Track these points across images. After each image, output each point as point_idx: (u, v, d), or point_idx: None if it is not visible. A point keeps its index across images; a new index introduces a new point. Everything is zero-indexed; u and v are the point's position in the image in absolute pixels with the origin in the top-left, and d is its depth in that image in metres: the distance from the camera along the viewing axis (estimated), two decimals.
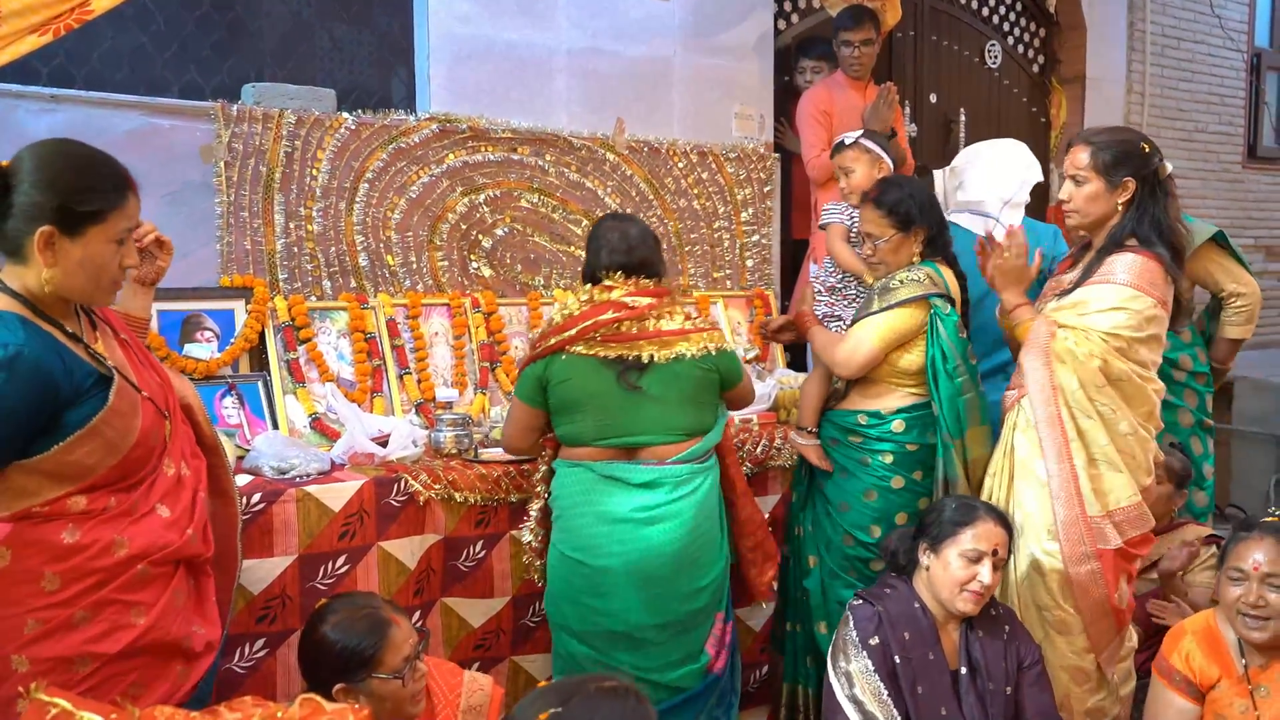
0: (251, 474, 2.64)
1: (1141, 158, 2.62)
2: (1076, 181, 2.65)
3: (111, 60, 3.34)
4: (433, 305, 3.50)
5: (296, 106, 3.35)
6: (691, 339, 2.58)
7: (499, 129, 3.73)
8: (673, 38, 4.32)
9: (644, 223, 2.74)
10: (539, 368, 2.59)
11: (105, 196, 1.75)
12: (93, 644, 1.77)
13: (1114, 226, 2.64)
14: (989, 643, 2.50)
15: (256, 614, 2.51)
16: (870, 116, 4.25)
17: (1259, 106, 7.43)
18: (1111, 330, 2.54)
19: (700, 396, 2.61)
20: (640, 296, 2.55)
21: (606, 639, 2.56)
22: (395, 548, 2.69)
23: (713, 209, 4.22)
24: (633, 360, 2.53)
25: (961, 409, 2.79)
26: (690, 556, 2.56)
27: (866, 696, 2.40)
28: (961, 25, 5.66)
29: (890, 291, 2.86)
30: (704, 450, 2.62)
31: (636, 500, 2.53)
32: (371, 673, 2.02)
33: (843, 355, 2.87)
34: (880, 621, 2.45)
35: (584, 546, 2.56)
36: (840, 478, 2.95)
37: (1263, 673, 2.36)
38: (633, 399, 2.53)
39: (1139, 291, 2.54)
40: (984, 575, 2.42)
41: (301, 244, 3.35)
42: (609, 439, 2.56)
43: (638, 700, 1.57)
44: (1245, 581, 2.36)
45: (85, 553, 1.76)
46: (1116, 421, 2.56)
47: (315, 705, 1.49)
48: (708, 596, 2.61)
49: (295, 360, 3.16)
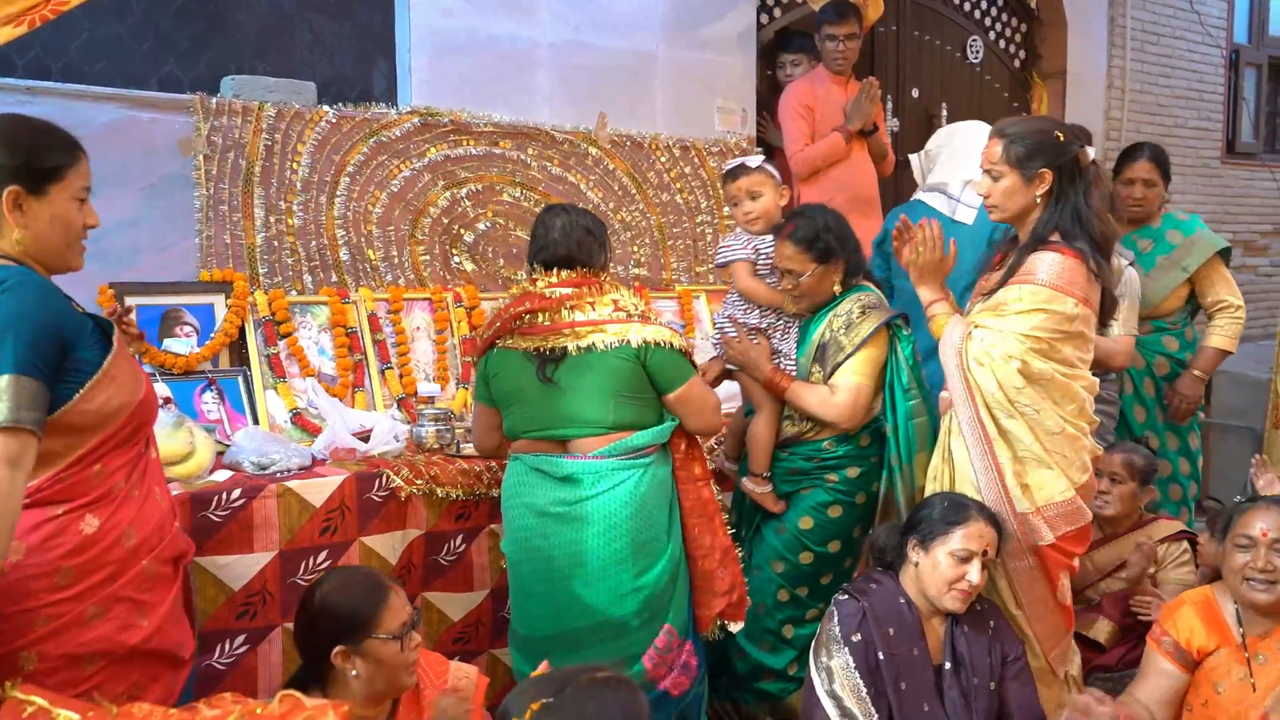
0: (232, 469, 2.63)
1: (1057, 147, 2.55)
2: (992, 176, 2.59)
3: (89, 52, 3.31)
4: (414, 300, 3.48)
5: (276, 99, 3.33)
6: (607, 330, 2.46)
7: (481, 123, 3.72)
8: (655, 31, 4.31)
9: (577, 214, 2.61)
10: (480, 364, 2.63)
11: (62, 155, 1.83)
12: (101, 642, 1.79)
13: (1035, 221, 2.58)
14: (974, 638, 2.50)
15: (237, 610, 2.50)
16: (852, 111, 4.26)
17: (1237, 102, 7.49)
18: (1030, 332, 2.49)
19: (623, 389, 2.48)
20: (559, 288, 2.51)
21: (545, 642, 2.50)
22: (377, 543, 2.68)
23: (695, 203, 4.22)
24: (549, 352, 2.48)
25: (911, 432, 2.81)
26: (614, 556, 2.46)
27: (845, 692, 2.40)
28: (943, 20, 5.67)
29: (855, 327, 2.84)
30: (632, 447, 2.49)
31: (555, 494, 2.49)
32: (371, 633, 2.04)
33: (847, 411, 2.82)
34: (864, 617, 2.45)
35: (514, 540, 2.57)
36: (804, 494, 2.94)
37: (1261, 641, 2.43)
38: (548, 391, 2.49)
39: (1057, 292, 2.48)
40: (972, 575, 2.42)
41: (282, 238, 3.33)
42: (535, 431, 2.54)
43: (630, 690, 1.58)
44: (1253, 548, 2.41)
45: (101, 544, 1.80)
46: (1043, 420, 2.52)
47: (295, 701, 1.49)
48: (638, 602, 2.47)
49: (276, 355, 3.14)
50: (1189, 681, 2.49)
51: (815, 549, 2.92)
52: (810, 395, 2.86)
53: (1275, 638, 2.42)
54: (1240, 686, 2.40)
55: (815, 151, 4.23)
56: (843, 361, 2.84)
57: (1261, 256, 7.65)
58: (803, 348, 2.95)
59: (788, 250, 2.85)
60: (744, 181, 3.02)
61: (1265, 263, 7.64)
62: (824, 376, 2.88)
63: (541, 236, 2.58)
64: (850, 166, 4.29)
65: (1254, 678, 2.40)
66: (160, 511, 1.95)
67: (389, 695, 2.12)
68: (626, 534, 2.46)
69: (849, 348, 2.83)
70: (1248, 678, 2.41)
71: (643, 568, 2.48)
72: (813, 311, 2.96)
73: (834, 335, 2.87)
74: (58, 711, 1.37)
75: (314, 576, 2.56)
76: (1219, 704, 2.43)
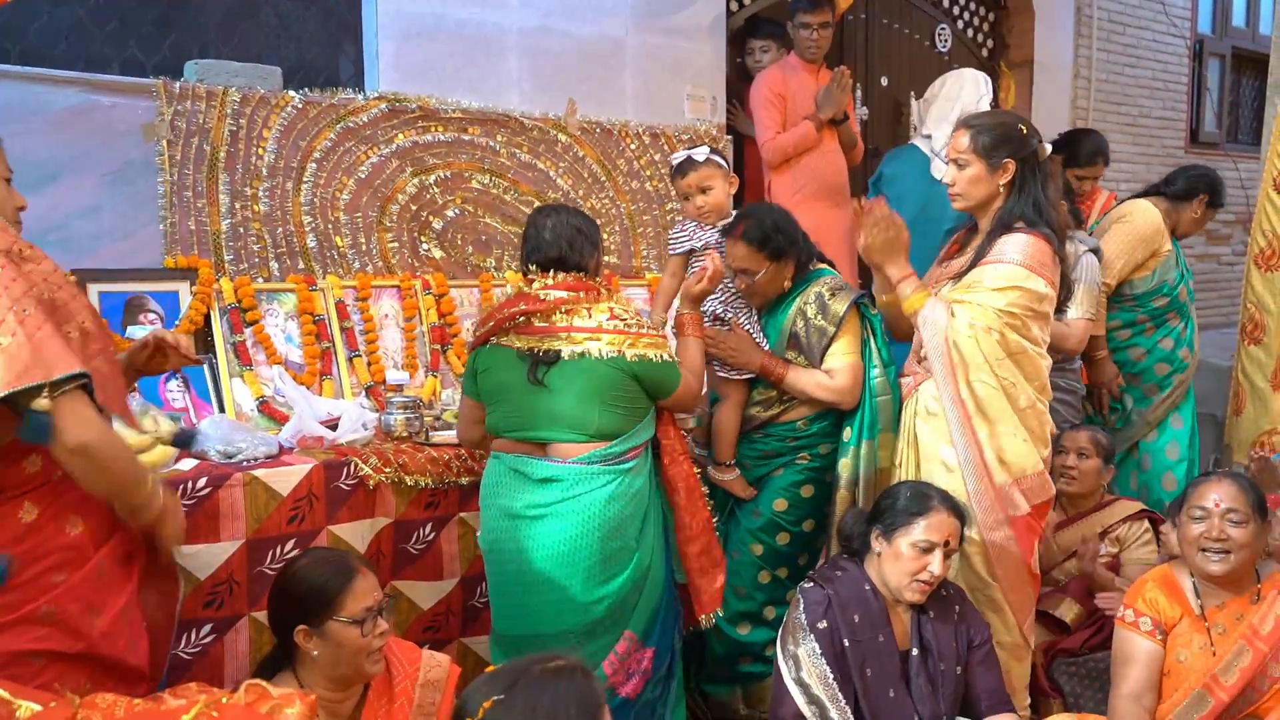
0: (197, 458, 2.60)
1: (1020, 140, 2.67)
2: (959, 165, 2.70)
3: (49, 35, 3.25)
4: (382, 287, 3.46)
5: (241, 84, 3.29)
6: (605, 339, 2.48)
7: (449, 109, 3.70)
8: (624, 17, 4.30)
9: (572, 215, 2.61)
10: (471, 358, 2.64)
11: None
12: (50, 640, 1.77)
13: (999, 209, 2.68)
14: (940, 624, 2.52)
15: (203, 599, 2.48)
16: (824, 100, 4.27)
17: (1201, 92, 7.58)
18: (1006, 308, 2.58)
19: (612, 397, 2.49)
20: (554, 290, 2.51)
21: (517, 641, 2.51)
22: (345, 531, 2.67)
23: (665, 191, 4.21)
24: (543, 354, 2.49)
25: (875, 409, 2.86)
26: (585, 561, 2.46)
27: (812, 680, 2.42)
28: (912, 9, 5.69)
29: (829, 309, 2.87)
30: (613, 454, 2.50)
31: (531, 497, 2.49)
32: (332, 615, 2.04)
33: (849, 389, 2.86)
34: (830, 604, 2.47)
35: (489, 539, 2.58)
36: (775, 476, 2.97)
37: (1219, 611, 2.50)
38: (536, 393, 2.49)
39: (1030, 272, 2.59)
40: (934, 566, 2.44)
41: (247, 224, 3.29)
42: (517, 432, 2.54)
43: (584, 676, 1.58)
44: (1207, 518, 2.47)
45: (42, 531, 1.77)
46: (1016, 395, 2.61)
47: (261, 691, 1.48)
48: (603, 610, 2.49)
49: (242, 343, 3.11)
50: (1163, 655, 2.55)
51: (791, 529, 2.95)
52: (809, 379, 2.89)
53: (1230, 609, 2.50)
54: (1201, 654, 2.48)
55: (787, 140, 4.23)
56: (829, 344, 2.87)
57: (1224, 245, 7.75)
58: (774, 338, 2.96)
59: (740, 251, 2.86)
60: (694, 177, 2.98)
61: (1227, 251, 7.75)
62: (813, 362, 2.90)
63: (533, 238, 2.57)
64: (821, 155, 4.30)
65: (1214, 646, 2.47)
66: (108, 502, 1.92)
67: (354, 681, 2.12)
68: (597, 540, 2.47)
69: (831, 329, 2.86)
70: (1208, 645, 2.48)
71: (610, 575, 2.49)
72: (766, 304, 2.99)
73: (810, 321, 2.90)
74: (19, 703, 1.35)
75: (281, 566, 2.54)
76: (1181, 672, 2.50)
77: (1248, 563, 2.49)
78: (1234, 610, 2.49)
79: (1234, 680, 2.38)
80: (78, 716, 1.33)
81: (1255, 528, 2.47)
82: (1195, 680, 2.45)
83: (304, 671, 2.09)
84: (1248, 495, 2.49)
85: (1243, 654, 2.40)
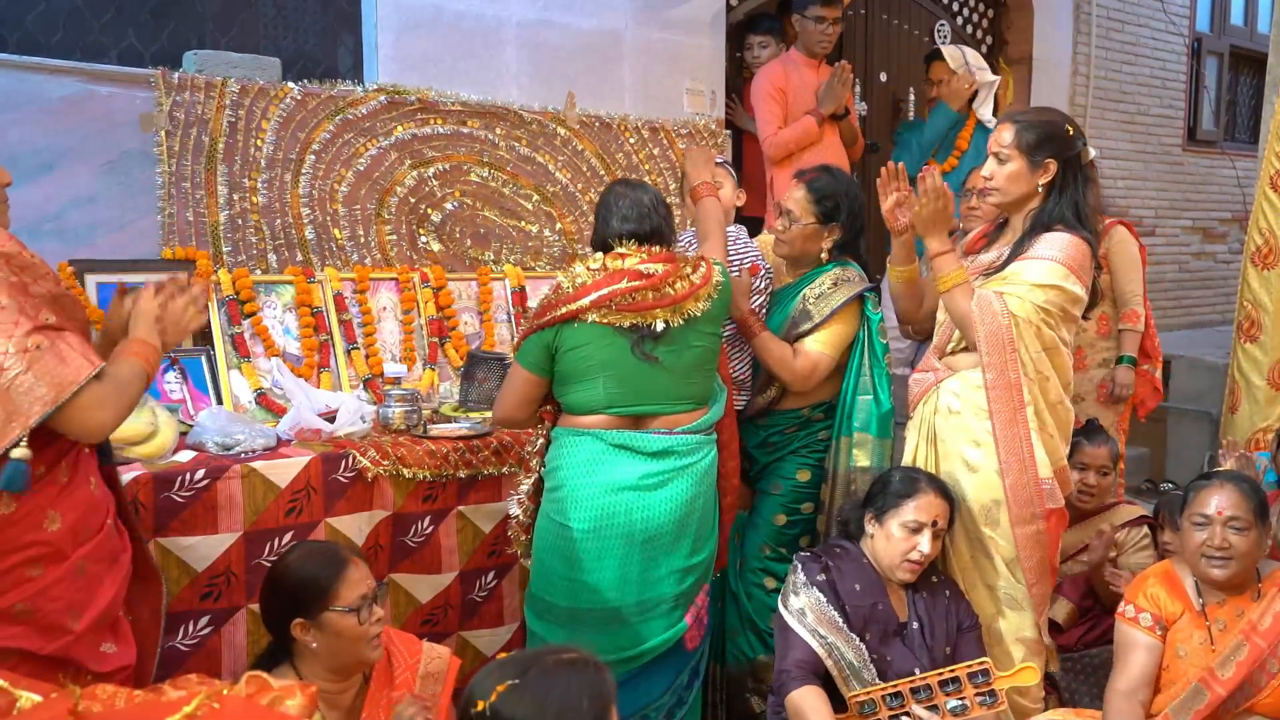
0: (195, 450, 2.59)
1: (1064, 140, 2.61)
2: (999, 159, 2.64)
3: (46, 23, 3.23)
4: (381, 280, 3.45)
5: (240, 75, 3.27)
6: (701, 294, 2.53)
7: (448, 101, 3.68)
8: (624, 10, 4.29)
9: (655, 190, 2.67)
10: (548, 335, 2.52)
11: None
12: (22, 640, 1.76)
13: (1035, 209, 2.63)
14: (932, 603, 2.61)
15: (201, 591, 2.47)
16: (825, 95, 4.27)
17: (1199, 90, 7.58)
18: (1044, 304, 2.55)
19: (707, 364, 2.62)
20: (654, 264, 2.50)
21: (585, 616, 2.51)
22: (343, 524, 2.66)
23: (664, 185, 4.20)
24: (647, 329, 2.49)
25: (854, 407, 2.89)
26: (688, 528, 2.55)
27: (823, 626, 2.47)
28: (911, 5, 5.69)
29: (826, 299, 2.89)
30: (710, 422, 2.62)
31: (646, 467, 2.51)
32: (327, 605, 2.05)
33: (803, 374, 2.89)
34: (829, 568, 2.55)
35: (589, 516, 2.50)
36: (776, 463, 3.01)
37: (1219, 608, 2.52)
38: (646, 368, 2.50)
39: (1071, 272, 2.55)
40: (923, 545, 2.52)
41: (246, 216, 3.28)
42: (620, 407, 2.52)
43: (596, 670, 1.58)
44: (1209, 526, 2.48)
45: (18, 525, 1.75)
46: (1049, 390, 2.61)
47: (262, 683, 1.47)
48: (694, 578, 2.60)
49: (240, 334, 3.10)
50: (1162, 650, 2.56)
51: (790, 514, 3.00)
52: (774, 348, 2.91)
53: (1230, 606, 2.51)
54: (1201, 650, 2.50)
55: (789, 135, 4.23)
56: (809, 330, 2.90)
57: (1220, 243, 7.77)
58: (780, 318, 2.97)
59: (798, 194, 2.90)
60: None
61: (1223, 249, 7.77)
62: (788, 336, 2.93)
63: (630, 211, 2.56)
64: (822, 150, 4.29)
65: (1214, 642, 2.49)
66: (92, 499, 1.88)
67: (355, 669, 2.12)
68: (699, 507, 2.58)
69: (817, 318, 2.89)
70: (1208, 641, 2.50)
71: (704, 540, 2.62)
72: (794, 269, 3.02)
73: (805, 306, 2.92)
74: (19, 693, 1.34)
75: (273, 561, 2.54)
76: (1179, 667, 2.52)
77: (1250, 566, 2.50)
78: (1235, 607, 2.50)
79: (1231, 674, 2.39)
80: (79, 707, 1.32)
81: (1257, 534, 2.47)
82: (1193, 674, 2.46)
83: (303, 665, 2.09)
84: (1249, 501, 2.48)
85: (1240, 648, 2.41)
